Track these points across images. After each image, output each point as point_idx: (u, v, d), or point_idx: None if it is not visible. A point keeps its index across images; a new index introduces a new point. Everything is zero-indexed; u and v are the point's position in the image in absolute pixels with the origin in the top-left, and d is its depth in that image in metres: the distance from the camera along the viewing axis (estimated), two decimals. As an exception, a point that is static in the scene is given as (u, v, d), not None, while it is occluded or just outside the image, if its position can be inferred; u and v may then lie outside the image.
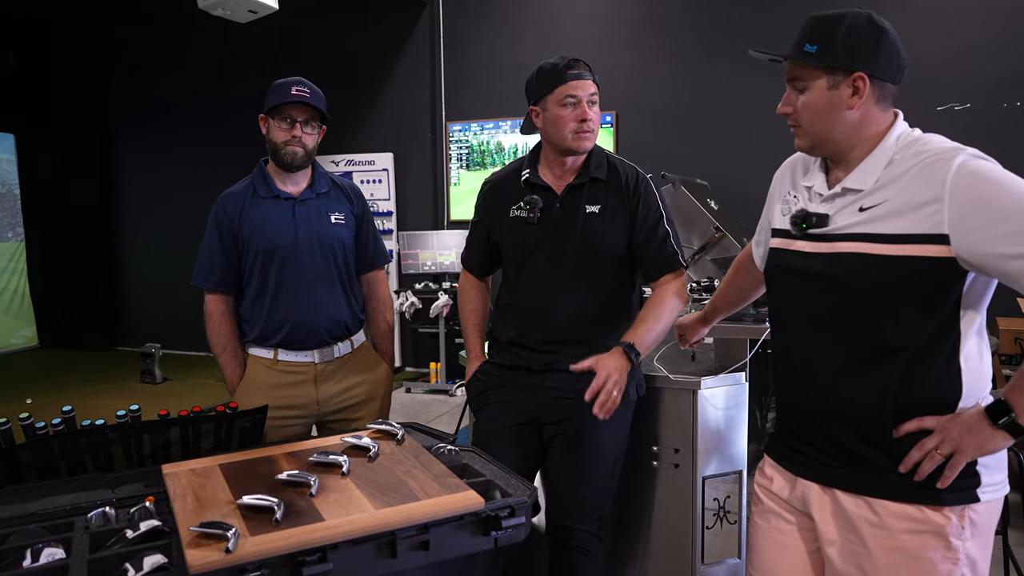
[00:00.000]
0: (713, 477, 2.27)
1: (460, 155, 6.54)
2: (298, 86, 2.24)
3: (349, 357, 2.37)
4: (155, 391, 6.26)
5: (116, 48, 7.93)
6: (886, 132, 1.37)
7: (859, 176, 1.36)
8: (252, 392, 2.29)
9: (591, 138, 2.02)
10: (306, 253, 2.28)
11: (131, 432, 1.82)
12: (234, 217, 2.29)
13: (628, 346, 1.93)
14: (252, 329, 2.33)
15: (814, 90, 1.36)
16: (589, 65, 2.02)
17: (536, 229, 2.06)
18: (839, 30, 1.33)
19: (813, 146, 1.42)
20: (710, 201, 4.58)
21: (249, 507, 1.37)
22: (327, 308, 2.31)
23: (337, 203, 2.37)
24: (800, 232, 1.43)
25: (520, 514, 1.47)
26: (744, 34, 5.50)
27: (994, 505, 1.34)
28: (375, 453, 1.65)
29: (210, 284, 2.31)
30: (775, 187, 1.60)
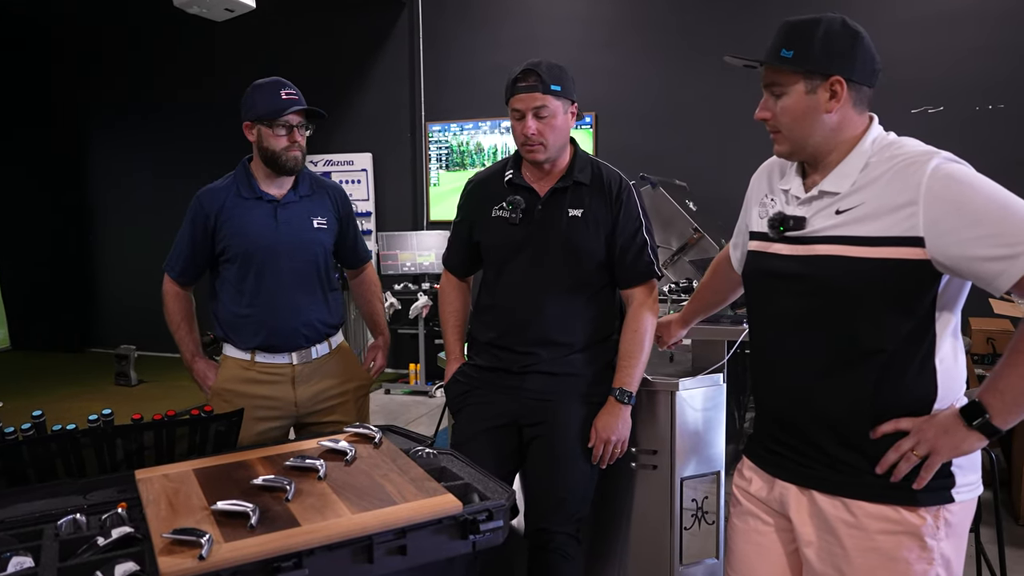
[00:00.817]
0: (691, 478, 2.28)
1: (440, 155, 6.52)
2: (285, 89, 2.21)
3: (327, 359, 2.36)
4: (130, 393, 6.18)
5: (90, 48, 7.80)
6: (862, 135, 1.38)
7: (835, 179, 1.37)
8: (229, 393, 2.27)
9: (540, 151, 1.99)
10: (286, 257, 2.26)
11: (103, 437, 1.79)
12: (211, 215, 2.26)
13: (620, 392, 1.99)
14: (229, 330, 2.31)
15: (792, 95, 1.37)
16: (550, 71, 1.96)
17: (518, 230, 2.05)
18: (815, 35, 1.34)
19: (793, 151, 1.42)
20: (689, 202, 4.60)
21: (224, 513, 1.36)
22: (305, 311, 2.30)
23: (320, 206, 2.36)
24: (777, 235, 1.44)
25: (498, 517, 1.46)
26: (723, 36, 5.53)
27: (968, 505, 1.36)
28: (352, 457, 1.64)
29: (173, 273, 2.35)
30: (752, 190, 1.61)
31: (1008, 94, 4.85)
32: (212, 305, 2.36)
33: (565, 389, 2.04)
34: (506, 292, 2.10)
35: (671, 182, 4.81)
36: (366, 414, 2.50)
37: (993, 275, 1.22)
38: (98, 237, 8.17)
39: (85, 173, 8.15)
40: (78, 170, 8.15)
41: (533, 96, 1.94)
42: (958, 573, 1.36)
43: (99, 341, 8.10)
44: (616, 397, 2.01)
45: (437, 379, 6.20)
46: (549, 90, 1.94)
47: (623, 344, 2.05)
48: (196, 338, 2.39)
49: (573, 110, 2.04)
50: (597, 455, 2.01)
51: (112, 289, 8.08)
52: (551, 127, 1.97)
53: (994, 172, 1.32)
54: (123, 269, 7.90)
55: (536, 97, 1.94)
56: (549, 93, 1.94)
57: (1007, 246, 1.20)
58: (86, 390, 6.27)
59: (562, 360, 2.04)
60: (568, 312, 2.04)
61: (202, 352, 2.40)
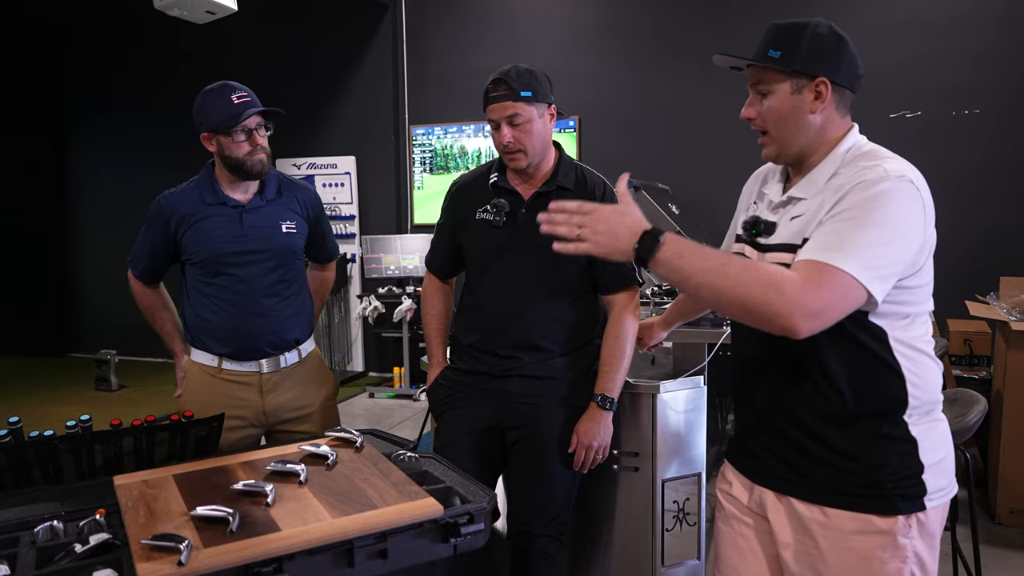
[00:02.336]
0: (673, 480, 2.29)
1: (423, 159, 6.52)
2: (237, 93, 2.15)
3: (296, 367, 2.32)
4: (110, 398, 6.12)
5: (69, 48, 7.75)
6: (838, 142, 1.39)
7: (805, 185, 1.39)
8: (197, 400, 2.22)
9: (520, 158, 2.01)
10: (253, 264, 2.22)
11: (82, 443, 1.78)
12: (171, 220, 2.22)
13: (602, 399, 2.01)
14: (196, 334, 2.28)
15: (778, 95, 1.39)
16: (520, 78, 1.96)
17: (501, 233, 2.06)
18: (802, 36, 1.36)
19: (780, 152, 1.43)
20: (671, 206, 4.64)
21: (203, 518, 1.35)
22: (273, 319, 2.26)
23: (288, 210, 2.31)
24: (749, 237, 1.46)
25: (479, 520, 1.47)
26: (705, 41, 5.58)
27: (941, 508, 1.38)
28: (333, 461, 1.64)
29: (136, 271, 2.36)
30: (743, 196, 1.63)
31: (983, 99, 4.92)
32: (182, 306, 2.33)
33: (547, 393, 2.05)
34: (489, 295, 2.11)
35: (654, 185, 4.85)
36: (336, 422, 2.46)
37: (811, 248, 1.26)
38: (76, 240, 8.10)
39: (64, 175, 8.08)
40: (56, 172, 8.07)
41: (504, 105, 1.95)
42: (933, 571, 1.38)
43: (77, 346, 8.02)
44: (598, 403, 2.02)
45: (421, 383, 6.20)
46: (520, 97, 1.95)
47: (605, 350, 2.06)
48: (174, 332, 2.37)
49: (551, 112, 2.05)
50: (579, 461, 2.02)
51: (91, 293, 8.00)
52: (528, 133, 1.98)
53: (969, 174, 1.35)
54: (102, 273, 7.82)
55: (508, 106, 1.95)
56: (520, 100, 1.95)
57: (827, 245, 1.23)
58: (65, 395, 6.21)
59: (544, 364, 2.05)
60: (550, 316, 2.05)
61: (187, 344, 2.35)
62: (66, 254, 8.12)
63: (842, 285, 1.21)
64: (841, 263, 1.21)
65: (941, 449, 1.38)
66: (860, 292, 1.22)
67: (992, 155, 4.89)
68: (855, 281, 1.21)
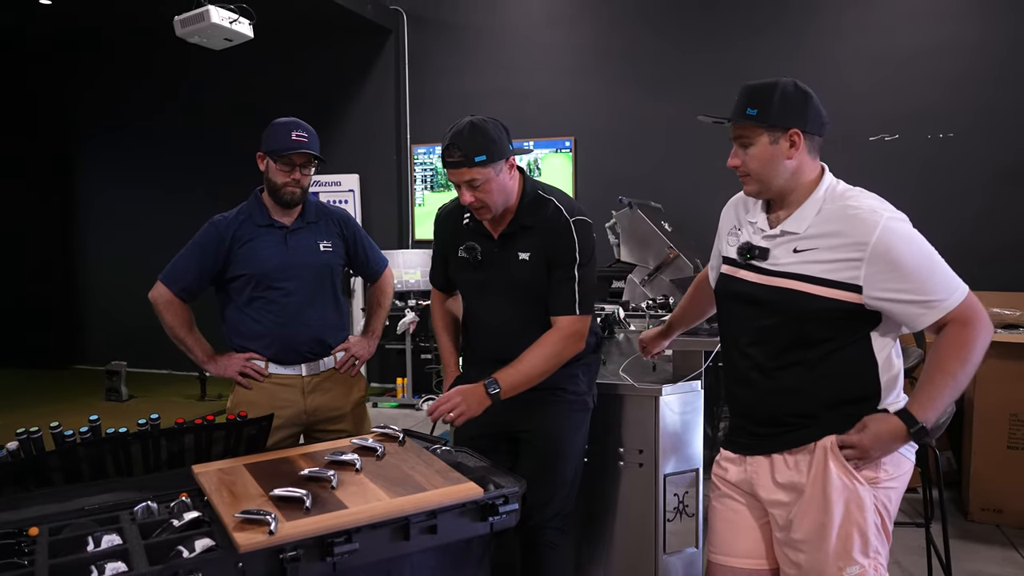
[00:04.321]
0: (673, 475, 2.53)
1: (424, 176, 6.77)
2: (297, 131, 2.45)
3: (333, 371, 2.58)
4: (122, 409, 6.29)
5: (77, 64, 7.96)
6: (818, 181, 1.68)
7: (795, 221, 1.66)
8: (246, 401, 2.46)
9: (485, 213, 2.09)
10: (296, 278, 2.49)
11: (150, 439, 2.00)
12: (225, 239, 2.47)
13: (491, 383, 2.03)
14: (243, 346, 2.51)
15: (758, 145, 1.65)
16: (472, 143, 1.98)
17: (479, 273, 2.21)
18: (774, 96, 1.63)
19: (761, 191, 1.70)
20: (664, 223, 4.89)
21: (281, 498, 1.58)
22: (313, 328, 2.53)
23: (326, 232, 2.59)
24: (744, 261, 1.72)
25: (513, 501, 1.71)
26: (698, 64, 5.86)
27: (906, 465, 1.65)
28: (382, 453, 1.87)
29: (174, 288, 2.48)
30: (723, 221, 1.90)
31: (957, 124, 5.23)
32: (223, 328, 2.55)
33: (548, 398, 2.20)
34: (477, 325, 2.30)
35: (647, 204, 5.11)
36: (367, 421, 2.71)
37: (913, 316, 1.55)
38: (86, 254, 8.27)
39: (72, 188, 8.27)
40: (65, 185, 8.26)
41: (460, 172, 2.01)
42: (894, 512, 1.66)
43: (83, 359, 8.17)
44: (486, 385, 2.02)
45: (424, 393, 6.42)
46: (473, 163, 1.98)
47: (526, 351, 2.09)
48: (204, 342, 2.55)
49: (511, 163, 2.10)
50: (434, 408, 2.01)
51: (96, 306, 8.17)
52: (488, 192, 2.04)
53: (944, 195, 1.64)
54: (107, 287, 8.00)
55: (463, 172, 2.01)
56: (475, 166, 1.99)
57: (925, 294, 1.53)
58: (77, 406, 6.37)
59: None
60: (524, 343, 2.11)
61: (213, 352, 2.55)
62: (72, 268, 8.30)
63: (975, 303, 1.56)
64: (957, 294, 1.54)
65: None
66: None
67: (964, 176, 5.20)
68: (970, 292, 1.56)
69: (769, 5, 5.67)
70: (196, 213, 2.56)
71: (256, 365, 2.50)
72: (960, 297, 1.54)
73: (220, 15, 4.47)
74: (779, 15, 5.63)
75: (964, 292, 1.55)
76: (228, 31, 4.61)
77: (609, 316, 3.64)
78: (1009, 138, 5.12)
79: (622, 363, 2.78)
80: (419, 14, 6.69)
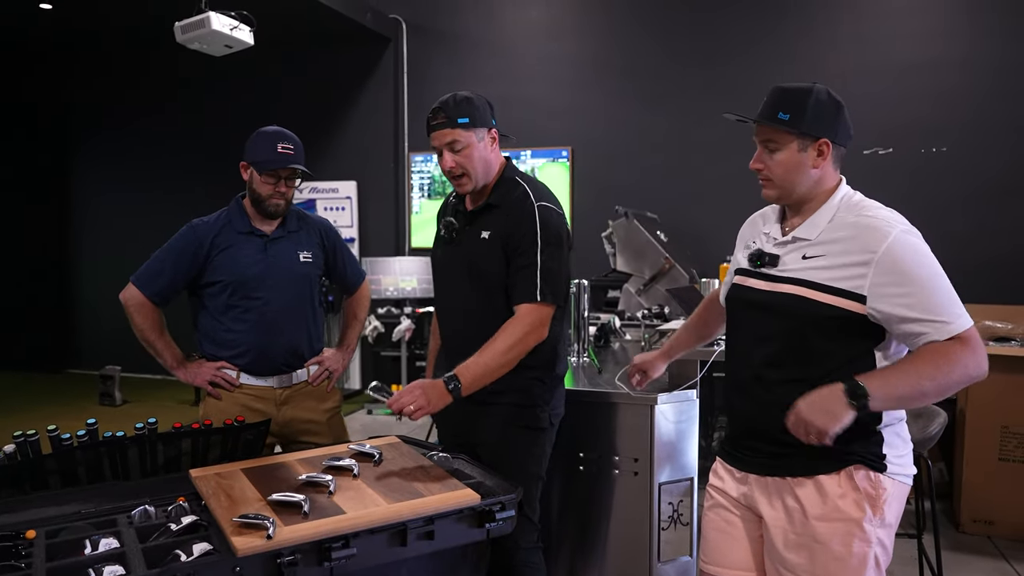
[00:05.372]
0: (668, 483, 2.54)
1: (422, 184, 6.79)
2: (284, 143, 2.40)
3: (304, 384, 2.53)
4: (116, 413, 6.28)
5: (72, 68, 7.95)
6: (834, 190, 1.67)
7: (807, 228, 1.66)
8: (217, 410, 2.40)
9: (465, 182, 2.09)
10: (273, 288, 2.45)
11: (147, 443, 2.00)
12: (204, 244, 2.43)
13: (450, 378, 1.91)
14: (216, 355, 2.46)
15: (785, 151, 1.63)
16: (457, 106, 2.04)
17: (448, 249, 2.20)
18: (808, 102, 1.60)
19: (780, 197, 1.69)
20: (660, 233, 4.92)
21: (279, 503, 1.59)
22: (288, 338, 2.48)
23: (306, 241, 2.56)
24: (754, 267, 1.72)
25: (510, 508, 1.72)
26: (694, 76, 5.91)
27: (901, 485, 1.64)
28: (380, 458, 1.88)
29: (147, 291, 2.42)
30: (741, 237, 1.88)
31: (950, 138, 5.29)
32: (196, 335, 2.50)
33: (489, 407, 2.10)
34: (440, 312, 2.29)
35: (643, 214, 5.14)
36: (343, 431, 2.64)
37: (914, 335, 1.52)
38: (80, 258, 8.25)
39: (67, 191, 8.25)
40: (59, 188, 8.24)
41: (443, 133, 2.05)
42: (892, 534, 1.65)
43: (78, 362, 8.15)
44: (445, 381, 1.91)
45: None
46: (456, 124, 2.04)
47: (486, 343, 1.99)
48: (174, 347, 2.49)
49: (493, 135, 2.12)
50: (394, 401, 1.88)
51: (92, 310, 8.14)
52: (468, 158, 2.06)
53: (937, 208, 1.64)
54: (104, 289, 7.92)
55: (446, 133, 2.04)
56: (457, 127, 2.04)
57: (929, 312, 1.49)
58: (71, 410, 6.35)
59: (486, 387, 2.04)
60: (485, 335, 2.02)
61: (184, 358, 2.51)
62: (67, 270, 8.28)
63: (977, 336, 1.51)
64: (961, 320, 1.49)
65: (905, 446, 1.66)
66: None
67: (958, 189, 5.25)
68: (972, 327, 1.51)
69: (765, 21, 5.72)
70: (192, 219, 2.54)
71: (227, 375, 2.44)
72: (964, 325, 1.49)
73: (221, 22, 4.48)
74: (774, 30, 5.68)
75: (969, 322, 1.50)
76: (229, 38, 4.62)
77: (605, 325, 3.66)
78: (1000, 152, 5.17)
79: (618, 372, 2.79)
80: (418, 23, 6.73)
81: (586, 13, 6.32)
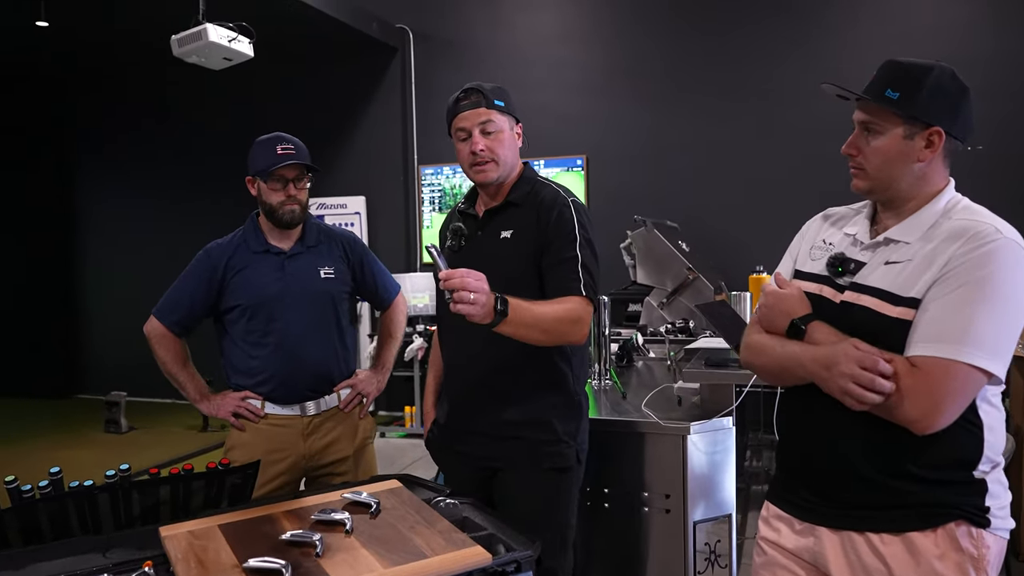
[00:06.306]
0: (703, 521, 2.29)
1: (432, 198, 6.59)
2: (282, 144, 2.25)
3: (336, 410, 2.37)
4: (121, 441, 6.10)
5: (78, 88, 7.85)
6: (939, 193, 1.39)
7: (904, 229, 1.38)
8: (241, 443, 2.29)
9: (491, 168, 1.89)
10: (294, 308, 2.30)
11: (120, 492, 1.79)
12: (219, 267, 2.30)
13: (501, 298, 1.64)
14: (239, 384, 2.33)
15: (888, 136, 1.36)
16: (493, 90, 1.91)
17: (457, 258, 1.90)
18: (925, 81, 1.33)
19: (873, 190, 1.42)
20: (681, 243, 4.68)
21: (255, 570, 1.36)
22: (313, 362, 2.32)
23: (327, 256, 2.38)
24: (834, 274, 1.44)
25: (526, 569, 1.47)
26: (709, 82, 5.69)
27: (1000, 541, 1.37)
28: (377, 509, 1.64)
29: (166, 321, 2.33)
30: (805, 237, 1.60)
31: (987, 136, 5.01)
32: (221, 361, 2.37)
33: (510, 454, 1.89)
34: (445, 335, 2.04)
35: (663, 223, 4.90)
36: (373, 465, 2.49)
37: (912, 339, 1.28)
38: (86, 283, 8.13)
39: (71, 215, 8.16)
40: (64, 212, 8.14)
41: (478, 112, 1.88)
42: None
43: (86, 387, 8.01)
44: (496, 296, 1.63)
45: (432, 421, 6.18)
46: (493, 105, 1.89)
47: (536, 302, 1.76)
48: (198, 380, 2.39)
49: (518, 130, 1.98)
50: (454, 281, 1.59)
51: (97, 335, 8.02)
52: (499, 143, 1.89)
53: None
54: (110, 314, 7.84)
55: (481, 112, 1.88)
56: (493, 108, 1.89)
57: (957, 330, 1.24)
58: (75, 439, 6.19)
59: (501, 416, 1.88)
60: (504, 352, 1.82)
61: (208, 389, 2.40)
62: (72, 295, 8.15)
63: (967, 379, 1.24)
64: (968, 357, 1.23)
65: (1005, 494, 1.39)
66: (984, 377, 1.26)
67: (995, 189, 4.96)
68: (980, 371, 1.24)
69: (781, 20, 5.49)
70: (199, 242, 2.44)
71: (251, 405, 2.30)
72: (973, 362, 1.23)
73: (218, 33, 4.32)
74: (791, 30, 5.45)
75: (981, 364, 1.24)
76: (227, 50, 4.45)
77: (627, 342, 3.42)
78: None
79: (644, 396, 2.54)
80: (426, 32, 6.55)
81: (596, 17, 6.12)
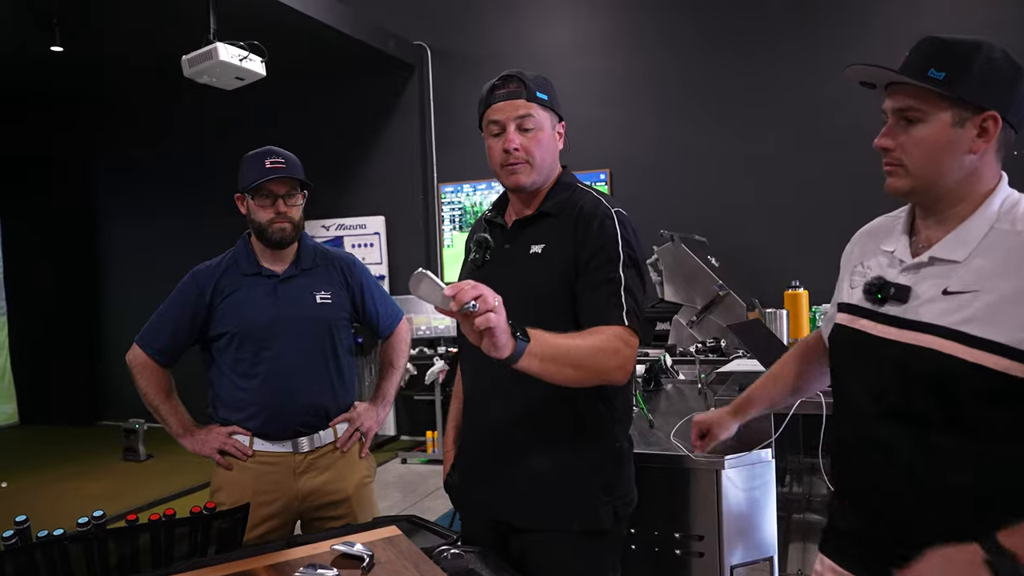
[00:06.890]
0: (741, 566, 2.07)
1: (452, 216, 6.45)
2: (271, 158, 2.10)
3: (331, 447, 2.19)
4: (139, 469, 5.99)
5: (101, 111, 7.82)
6: (993, 192, 1.18)
7: (951, 244, 1.17)
8: (228, 482, 2.12)
9: (524, 172, 1.59)
10: (286, 336, 2.12)
11: (95, 542, 1.63)
12: (206, 291, 2.15)
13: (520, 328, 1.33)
14: (226, 418, 2.16)
15: (933, 124, 1.16)
16: (536, 79, 1.62)
17: (479, 274, 1.61)
18: (975, 59, 1.14)
19: (913, 190, 1.21)
20: (710, 258, 4.47)
21: (223, 643, 1.18)
22: (306, 395, 2.14)
23: (325, 280, 2.22)
24: (874, 302, 1.24)
25: (538, 636, 1.27)
26: (734, 91, 5.50)
27: None
28: (369, 564, 1.46)
29: (150, 350, 2.19)
30: (848, 259, 1.41)
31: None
32: (209, 393, 2.21)
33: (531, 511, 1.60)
34: (470, 364, 1.70)
35: (691, 237, 4.69)
36: (373, 507, 2.28)
37: None
38: (107, 307, 8.12)
39: (92, 243, 8.14)
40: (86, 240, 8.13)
41: (516, 104, 1.59)
42: None
43: (109, 414, 7.96)
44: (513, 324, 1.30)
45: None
46: (535, 97, 1.59)
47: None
48: (182, 413, 2.22)
49: (560, 130, 1.68)
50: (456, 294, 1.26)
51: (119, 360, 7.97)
52: (537, 142, 1.59)
53: None
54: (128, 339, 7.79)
55: (520, 104, 1.58)
56: (535, 101, 1.59)
57: None
58: (94, 468, 6.10)
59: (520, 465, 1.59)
60: (529, 391, 1.51)
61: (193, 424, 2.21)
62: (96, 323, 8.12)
63: None
64: None
65: None
66: None
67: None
68: None
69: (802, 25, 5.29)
70: None
71: (238, 442, 2.12)
72: None
73: (229, 52, 4.22)
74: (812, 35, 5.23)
75: None
76: (238, 69, 4.36)
77: (654, 364, 3.20)
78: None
79: (673, 424, 2.33)
80: (443, 48, 6.44)
81: (616, 28, 5.97)
